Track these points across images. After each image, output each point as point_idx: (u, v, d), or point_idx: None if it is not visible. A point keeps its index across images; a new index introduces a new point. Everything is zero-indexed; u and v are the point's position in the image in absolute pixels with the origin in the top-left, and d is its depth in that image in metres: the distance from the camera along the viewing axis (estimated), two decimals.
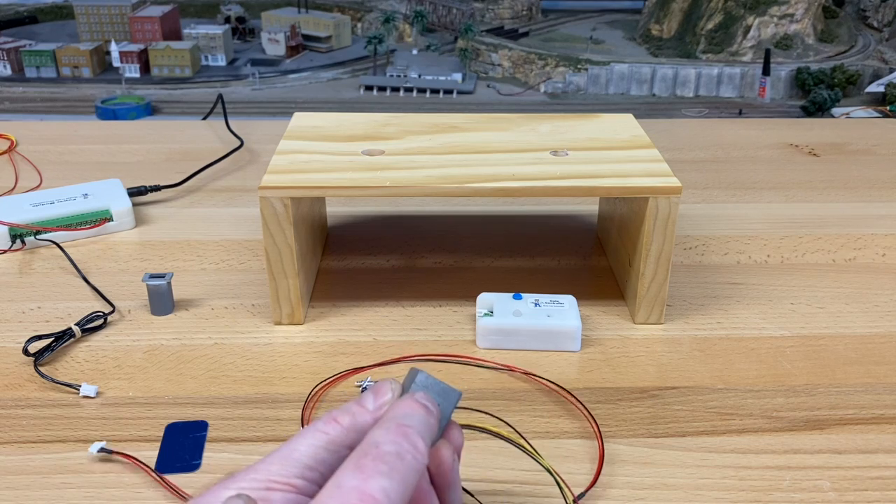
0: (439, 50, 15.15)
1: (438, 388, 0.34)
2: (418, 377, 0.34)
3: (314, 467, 0.31)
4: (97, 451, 0.46)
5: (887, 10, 14.17)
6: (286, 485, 0.30)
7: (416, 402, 0.33)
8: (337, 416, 0.33)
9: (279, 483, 0.30)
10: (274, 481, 0.30)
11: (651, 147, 0.62)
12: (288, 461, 0.31)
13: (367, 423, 0.33)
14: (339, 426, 0.32)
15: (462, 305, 0.62)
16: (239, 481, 0.30)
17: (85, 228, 0.72)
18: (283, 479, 0.30)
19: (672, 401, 0.52)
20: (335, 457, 0.32)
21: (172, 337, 0.58)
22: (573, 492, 0.44)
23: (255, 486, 0.30)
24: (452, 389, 0.35)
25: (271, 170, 0.57)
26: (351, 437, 0.32)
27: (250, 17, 15.30)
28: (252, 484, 0.30)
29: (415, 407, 0.32)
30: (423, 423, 0.32)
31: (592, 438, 0.48)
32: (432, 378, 0.34)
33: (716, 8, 14.70)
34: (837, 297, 0.64)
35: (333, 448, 0.32)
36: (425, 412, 0.32)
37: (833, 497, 0.44)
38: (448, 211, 0.78)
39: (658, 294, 0.58)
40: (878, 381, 0.54)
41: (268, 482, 0.30)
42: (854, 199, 0.82)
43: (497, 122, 0.68)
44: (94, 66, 13.60)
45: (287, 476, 0.31)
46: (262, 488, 0.30)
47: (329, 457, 0.32)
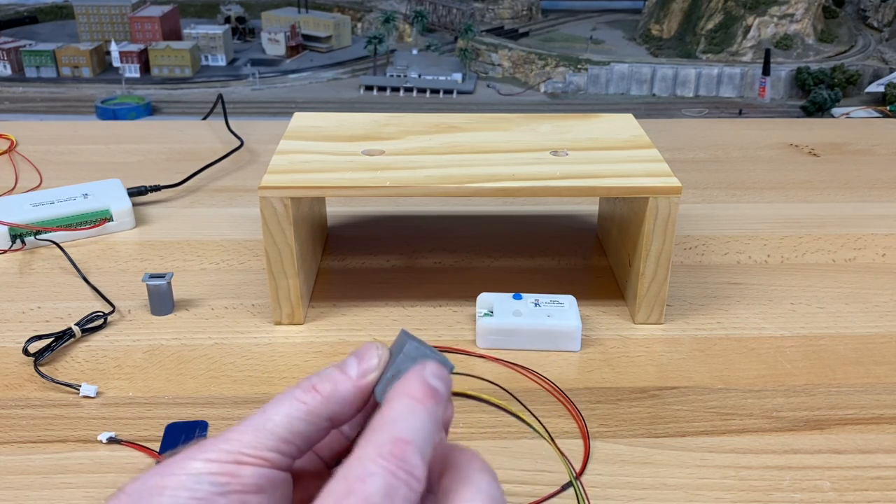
0: (439, 50, 15.15)
1: (427, 356, 0.31)
2: (407, 347, 0.31)
3: (290, 440, 0.29)
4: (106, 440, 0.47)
5: (887, 9, 14.17)
6: (258, 458, 0.28)
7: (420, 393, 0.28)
8: (316, 383, 0.30)
9: (250, 455, 0.28)
10: (245, 454, 0.28)
11: (651, 147, 0.62)
12: (262, 432, 0.29)
13: (348, 392, 0.30)
14: (319, 395, 0.30)
15: (462, 305, 0.62)
16: (207, 451, 0.28)
17: (85, 228, 0.72)
18: (255, 452, 0.28)
19: (672, 401, 0.52)
20: (313, 428, 0.29)
21: (172, 337, 0.58)
22: (574, 467, 0.44)
23: (224, 457, 0.28)
24: (445, 361, 0.31)
25: (271, 170, 0.57)
26: (330, 407, 0.30)
27: (250, 17, 15.30)
28: (221, 455, 0.28)
29: (417, 402, 0.28)
30: (425, 430, 0.27)
31: (590, 437, 0.48)
32: (424, 346, 0.31)
33: (716, 8, 14.71)
34: (837, 297, 0.64)
35: (311, 419, 0.29)
36: (433, 403, 0.28)
37: (833, 497, 0.44)
38: (448, 211, 0.78)
39: (658, 294, 0.58)
40: (878, 381, 0.54)
41: (238, 454, 0.28)
42: (854, 199, 0.82)
43: (497, 122, 0.68)
44: (94, 66, 13.60)
45: (260, 448, 0.28)
46: (232, 461, 0.28)
47: (306, 428, 0.29)
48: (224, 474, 0.27)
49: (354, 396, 0.30)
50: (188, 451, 0.28)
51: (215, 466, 0.27)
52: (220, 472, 0.27)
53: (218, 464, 0.28)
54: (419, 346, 0.31)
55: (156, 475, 0.28)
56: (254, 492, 0.28)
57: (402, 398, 0.28)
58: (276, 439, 0.29)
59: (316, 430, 0.30)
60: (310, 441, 0.30)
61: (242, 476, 0.28)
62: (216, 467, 0.27)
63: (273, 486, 0.29)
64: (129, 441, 0.47)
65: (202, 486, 0.27)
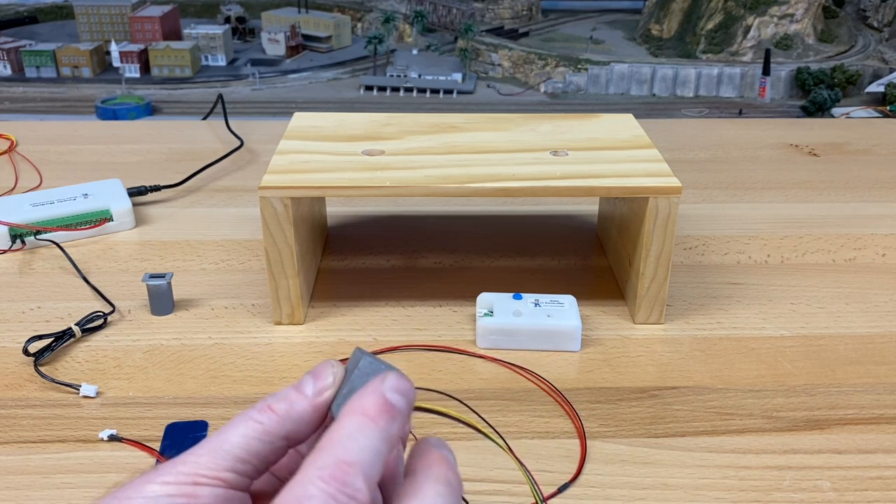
0: (439, 50, 15.14)
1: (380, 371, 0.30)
2: (362, 362, 0.31)
3: (246, 460, 0.29)
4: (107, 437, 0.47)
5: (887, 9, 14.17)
6: (215, 479, 0.28)
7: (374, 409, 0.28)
8: (272, 403, 0.30)
9: (207, 477, 0.28)
10: (202, 475, 0.28)
11: (651, 147, 0.62)
12: (218, 453, 0.29)
13: (304, 411, 0.30)
14: (274, 415, 0.30)
15: (462, 305, 0.62)
16: (164, 475, 0.28)
17: (85, 228, 0.72)
18: (212, 473, 0.28)
19: (672, 401, 0.52)
20: (269, 448, 0.30)
21: (172, 337, 0.58)
22: (542, 492, 0.44)
23: (181, 479, 0.28)
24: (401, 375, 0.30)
25: (271, 170, 0.57)
26: (287, 426, 0.30)
27: (250, 17, 15.30)
28: (178, 478, 0.28)
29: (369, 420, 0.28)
30: (373, 450, 0.27)
31: (590, 438, 0.48)
32: (378, 362, 0.31)
33: (716, 8, 14.70)
34: (837, 297, 0.64)
35: (267, 439, 0.29)
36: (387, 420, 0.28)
37: (833, 497, 0.44)
38: (448, 211, 0.78)
39: (658, 294, 0.58)
40: (878, 381, 0.54)
41: (196, 476, 0.28)
42: (854, 199, 0.82)
43: (497, 122, 0.68)
44: (94, 66, 13.60)
45: (216, 469, 0.28)
46: (189, 482, 0.28)
47: (262, 448, 0.29)
48: (181, 496, 0.27)
49: (310, 415, 0.30)
50: (145, 475, 0.28)
51: (172, 489, 0.28)
52: (177, 493, 0.27)
53: (175, 486, 0.28)
54: (373, 361, 0.31)
55: (113, 500, 0.28)
56: None
57: (354, 415, 0.28)
58: (232, 459, 0.29)
59: (272, 449, 0.30)
60: (267, 461, 0.30)
61: (200, 497, 0.28)
62: (173, 489, 0.28)
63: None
64: (130, 439, 0.47)
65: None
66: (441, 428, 0.49)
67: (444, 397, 0.52)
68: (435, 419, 0.50)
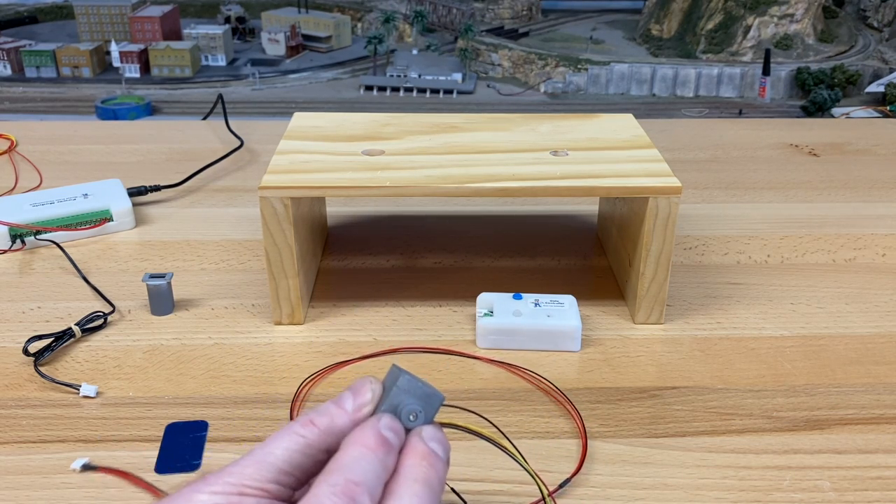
0: (439, 50, 15.14)
1: (421, 391, 0.33)
2: (400, 380, 0.33)
3: (289, 472, 0.31)
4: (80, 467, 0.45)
5: (887, 9, 14.16)
6: (259, 489, 0.30)
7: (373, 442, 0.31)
8: (314, 418, 0.32)
9: (252, 488, 0.30)
10: (247, 486, 0.30)
11: (651, 147, 0.62)
12: (263, 465, 0.30)
13: (344, 425, 0.32)
14: (316, 429, 0.32)
15: (462, 305, 0.62)
16: (212, 484, 0.30)
17: (85, 228, 0.72)
18: (257, 484, 0.30)
19: (672, 401, 0.52)
20: (311, 461, 0.31)
21: (172, 337, 0.58)
22: (549, 489, 0.44)
23: (228, 490, 0.29)
24: (436, 393, 0.34)
25: (271, 170, 0.57)
26: (328, 440, 0.32)
27: (250, 17, 15.30)
28: (225, 488, 0.30)
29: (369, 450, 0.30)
30: (375, 474, 0.30)
31: (590, 438, 0.48)
32: (416, 380, 0.33)
33: (716, 8, 14.70)
34: (837, 297, 0.64)
35: (310, 452, 0.31)
36: (384, 451, 0.31)
37: (833, 497, 0.44)
38: (448, 211, 0.78)
39: (658, 294, 0.58)
40: (878, 381, 0.54)
41: (241, 486, 0.30)
42: (854, 199, 0.82)
43: (497, 122, 0.68)
44: (94, 66, 13.60)
45: (261, 481, 0.30)
46: (236, 493, 0.29)
47: (305, 461, 0.31)
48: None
49: (350, 430, 0.32)
50: (193, 485, 0.30)
51: (220, 499, 0.29)
52: (224, 503, 0.29)
53: (222, 496, 0.29)
54: (412, 378, 0.33)
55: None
56: None
57: (356, 446, 0.31)
58: (276, 472, 0.30)
59: (313, 462, 0.31)
60: (308, 473, 0.31)
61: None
62: (221, 499, 0.29)
63: None
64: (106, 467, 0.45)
65: None
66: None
67: (446, 397, 0.52)
68: None
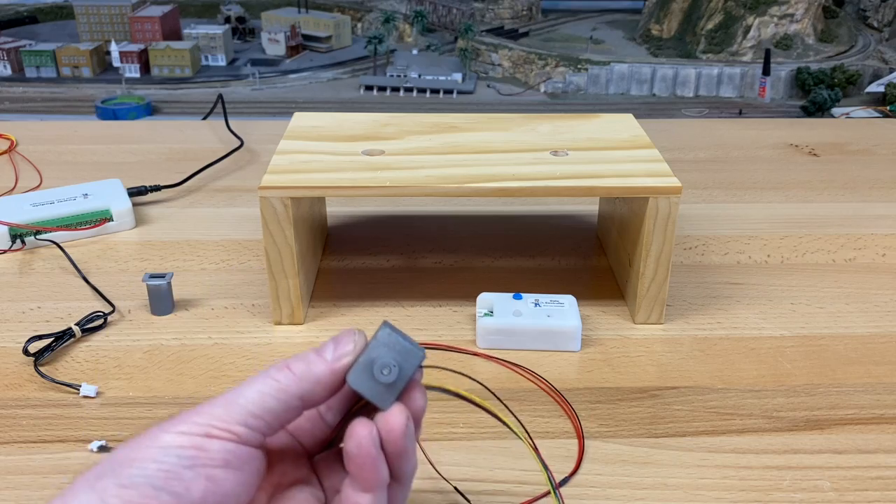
0: (439, 50, 15.13)
1: (401, 346, 0.32)
2: (380, 333, 0.32)
3: (259, 416, 0.30)
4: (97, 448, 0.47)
5: (887, 9, 14.16)
6: (227, 431, 0.29)
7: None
8: (291, 363, 0.31)
9: (220, 429, 0.29)
10: (215, 427, 0.29)
11: (651, 147, 0.62)
12: (232, 406, 0.29)
13: (322, 373, 0.31)
14: (292, 375, 0.30)
15: (462, 305, 0.62)
16: (179, 424, 0.29)
17: (85, 228, 0.72)
18: (225, 426, 0.29)
19: (672, 401, 0.52)
20: (283, 406, 0.30)
21: (172, 337, 0.58)
22: (555, 479, 0.44)
23: (194, 430, 0.29)
24: (416, 348, 0.32)
25: (271, 170, 0.57)
26: (302, 387, 0.30)
27: (250, 17, 15.29)
28: (192, 428, 0.29)
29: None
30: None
31: (589, 438, 0.48)
32: (398, 335, 0.32)
33: (716, 8, 14.70)
34: (837, 297, 0.64)
35: (282, 397, 0.30)
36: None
37: (833, 497, 0.44)
38: (448, 211, 0.78)
39: (658, 294, 0.58)
40: (878, 381, 0.54)
41: (209, 427, 0.29)
42: (854, 199, 0.82)
43: (497, 122, 0.68)
44: (94, 66, 13.59)
45: (229, 422, 0.29)
46: (202, 433, 0.29)
47: (276, 406, 0.30)
48: (192, 447, 0.28)
49: (328, 378, 0.31)
50: (161, 425, 0.29)
51: (185, 440, 0.28)
52: (188, 445, 0.28)
53: (187, 437, 0.28)
54: (393, 332, 0.32)
55: (127, 448, 0.28)
56: (221, 466, 0.28)
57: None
58: (245, 414, 0.29)
59: (286, 408, 0.30)
60: (280, 419, 0.30)
61: (210, 450, 0.28)
62: (185, 440, 0.28)
63: (241, 462, 0.29)
64: None
65: (170, 458, 0.28)
66: (451, 415, 0.49)
67: (446, 396, 0.52)
68: (448, 406, 0.50)
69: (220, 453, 0.29)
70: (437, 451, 0.47)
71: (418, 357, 0.32)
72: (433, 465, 0.45)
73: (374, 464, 0.30)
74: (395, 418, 0.31)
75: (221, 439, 0.29)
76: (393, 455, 0.31)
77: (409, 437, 0.31)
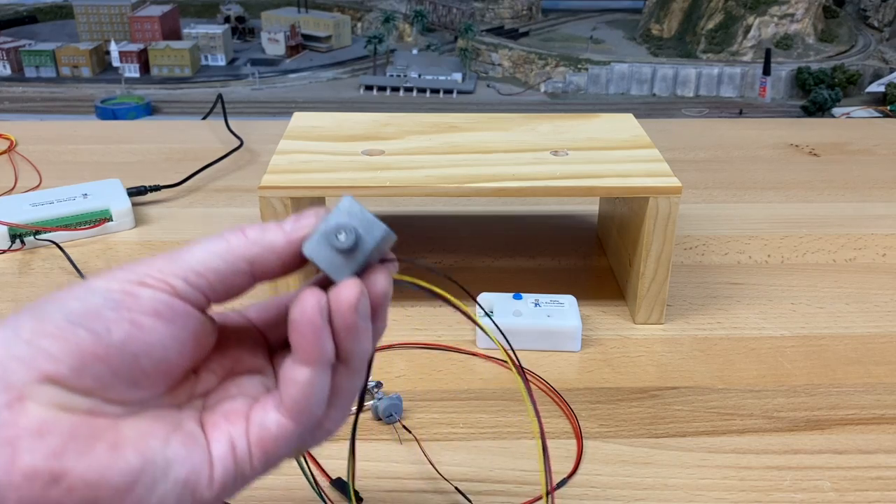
0: (439, 50, 15.14)
1: (363, 216, 0.29)
2: (342, 202, 0.29)
3: (202, 273, 0.28)
4: None
5: (888, 9, 14.17)
6: (163, 282, 0.27)
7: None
8: (246, 227, 0.29)
9: (155, 279, 0.27)
10: (151, 276, 0.27)
11: (651, 147, 0.62)
12: (174, 260, 0.28)
13: (275, 239, 0.29)
14: (244, 237, 0.29)
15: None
16: (114, 272, 0.28)
17: (85, 228, 0.72)
18: (161, 276, 0.28)
19: (672, 401, 0.52)
20: (230, 268, 0.28)
21: None
22: (550, 467, 0.44)
23: (129, 277, 0.27)
24: (379, 224, 0.30)
25: (271, 170, 0.57)
26: (252, 250, 0.29)
27: (250, 16, 15.30)
28: (127, 275, 0.27)
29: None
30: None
31: (590, 438, 0.48)
32: (358, 205, 0.29)
33: (716, 8, 14.70)
34: (838, 297, 0.64)
35: (230, 258, 0.28)
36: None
37: (833, 497, 0.44)
38: (448, 211, 0.78)
39: (658, 294, 0.58)
40: (878, 382, 0.54)
41: (144, 276, 0.27)
42: (854, 199, 0.82)
43: (497, 121, 0.67)
44: (93, 66, 13.60)
45: (167, 274, 0.28)
46: (136, 281, 0.27)
47: (223, 267, 0.28)
48: (121, 291, 0.27)
49: (281, 247, 0.29)
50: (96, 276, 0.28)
51: (115, 284, 0.27)
52: (118, 289, 0.27)
53: (119, 282, 0.27)
54: (355, 202, 0.30)
55: (60, 290, 0.27)
56: (150, 315, 0.27)
57: None
58: (186, 269, 0.28)
59: (233, 270, 0.28)
60: (226, 282, 0.29)
61: (140, 297, 0.27)
62: (116, 285, 0.27)
63: (173, 315, 0.27)
64: None
65: (94, 298, 0.27)
66: (441, 426, 0.49)
67: (446, 396, 0.52)
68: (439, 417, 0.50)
69: (151, 302, 0.27)
70: (438, 451, 0.47)
71: (381, 230, 0.30)
72: (433, 465, 0.45)
73: (315, 333, 0.28)
74: (346, 289, 0.28)
75: (155, 288, 0.27)
76: (341, 331, 0.29)
77: (363, 315, 0.29)
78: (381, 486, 0.45)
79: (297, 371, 0.28)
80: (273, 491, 0.44)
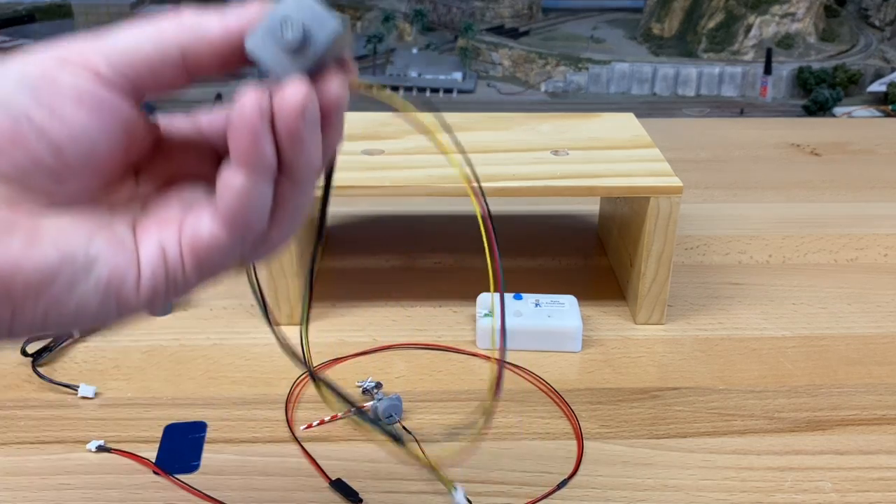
0: (439, 49, 15.12)
1: (313, 9, 0.26)
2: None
3: (127, 57, 0.26)
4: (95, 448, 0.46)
5: (889, 9, 14.16)
6: (82, 65, 0.25)
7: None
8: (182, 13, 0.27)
9: (75, 62, 0.25)
10: (70, 57, 0.25)
11: (652, 146, 0.62)
12: (99, 42, 0.26)
13: (212, 27, 0.26)
14: (178, 22, 0.26)
15: (462, 305, 0.61)
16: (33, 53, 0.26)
17: None
18: (82, 59, 0.25)
19: (673, 401, 0.52)
20: (159, 55, 0.26)
21: (171, 337, 0.57)
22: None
23: (46, 58, 0.25)
24: (332, 19, 0.26)
25: None
26: (185, 36, 0.26)
27: None
28: (44, 57, 0.25)
29: None
30: None
31: (590, 439, 0.48)
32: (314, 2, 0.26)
33: (717, 7, 14.68)
34: (839, 298, 0.63)
35: (161, 45, 0.26)
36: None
37: (835, 498, 0.44)
38: (448, 211, 0.77)
39: (659, 294, 0.58)
40: (879, 382, 0.54)
41: (64, 58, 0.25)
42: (856, 198, 0.82)
43: (497, 121, 0.67)
44: None
45: (89, 55, 0.26)
46: (54, 62, 0.25)
47: (151, 52, 0.26)
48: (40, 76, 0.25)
49: (217, 37, 0.27)
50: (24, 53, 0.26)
51: (33, 68, 0.25)
52: (36, 73, 0.25)
53: (36, 66, 0.25)
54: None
55: None
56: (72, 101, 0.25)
57: None
58: (111, 51, 0.26)
59: (162, 57, 0.26)
60: (155, 70, 0.26)
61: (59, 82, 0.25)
62: (33, 68, 0.25)
63: (99, 105, 0.26)
64: (119, 449, 0.47)
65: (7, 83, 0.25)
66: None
67: (446, 397, 0.52)
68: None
69: (72, 89, 0.25)
70: (438, 452, 0.47)
71: (332, 25, 0.26)
72: (433, 465, 0.45)
73: (253, 133, 0.26)
74: (291, 90, 0.26)
75: (75, 73, 0.25)
76: (284, 137, 0.26)
77: (310, 121, 0.26)
78: (381, 486, 0.45)
79: (232, 176, 0.26)
80: (273, 492, 0.44)
